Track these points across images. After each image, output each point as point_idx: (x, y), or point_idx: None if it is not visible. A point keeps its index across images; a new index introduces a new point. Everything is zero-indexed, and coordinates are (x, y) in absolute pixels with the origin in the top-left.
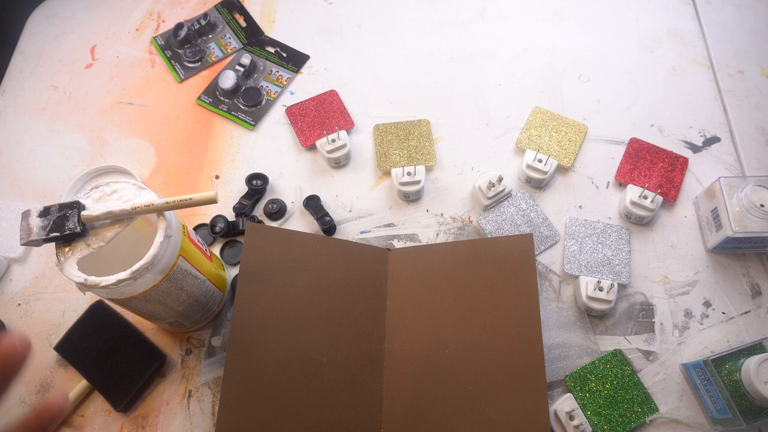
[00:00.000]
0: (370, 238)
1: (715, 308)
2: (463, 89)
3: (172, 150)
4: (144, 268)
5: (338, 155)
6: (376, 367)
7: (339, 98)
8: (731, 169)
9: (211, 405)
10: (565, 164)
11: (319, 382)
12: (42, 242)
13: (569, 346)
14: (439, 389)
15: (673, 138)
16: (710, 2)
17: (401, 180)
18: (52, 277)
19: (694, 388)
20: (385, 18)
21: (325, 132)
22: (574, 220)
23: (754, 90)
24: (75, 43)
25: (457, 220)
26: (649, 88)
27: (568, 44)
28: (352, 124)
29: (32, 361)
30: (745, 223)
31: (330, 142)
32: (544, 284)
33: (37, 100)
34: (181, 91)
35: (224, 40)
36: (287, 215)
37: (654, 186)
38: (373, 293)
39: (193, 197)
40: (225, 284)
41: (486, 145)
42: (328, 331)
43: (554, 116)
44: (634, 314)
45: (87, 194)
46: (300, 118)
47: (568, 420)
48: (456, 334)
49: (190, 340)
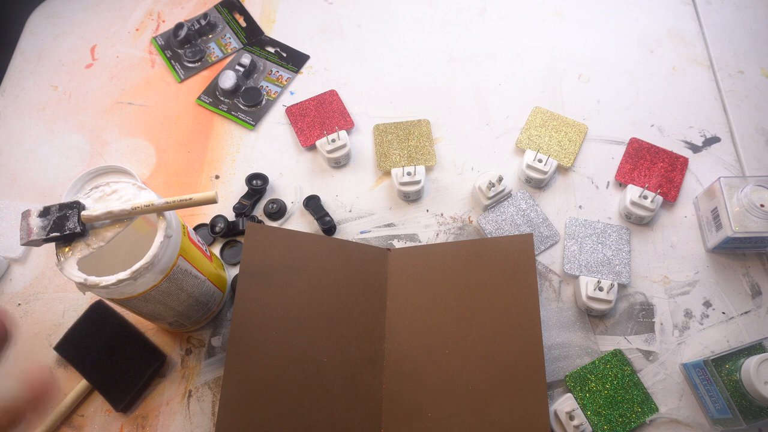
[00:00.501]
0: (370, 238)
1: (715, 308)
2: (463, 89)
3: (172, 150)
4: (144, 268)
5: (338, 155)
6: (376, 367)
7: (339, 98)
8: (731, 169)
9: (211, 405)
10: (565, 164)
11: (319, 382)
12: (42, 242)
13: (569, 346)
14: (439, 389)
15: (673, 138)
16: (710, 2)
17: (401, 180)
18: (52, 277)
19: (694, 388)
20: (385, 18)
21: (325, 132)
22: (574, 220)
23: (754, 90)
24: (75, 43)
25: (457, 220)
26: (649, 88)
27: (568, 44)
28: (352, 124)
29: (32, 361)
30: (745, 223)
31: (330, 142)
32: (544, 284)
33: (37, 100)
34: (181, 91)
35: (224, 40)
36: (287, 215)
37: (654, 186)
38: (373, 293)
39: (193, 197)
40: (225, 284)
41: (486, 145)
42: (328, 331)
43: (554, 116)
44: (634, 314)
45: (87, 194)
46: (300, 118)
47: (568, 420)
48: (456, 334)
49: (190, 340)
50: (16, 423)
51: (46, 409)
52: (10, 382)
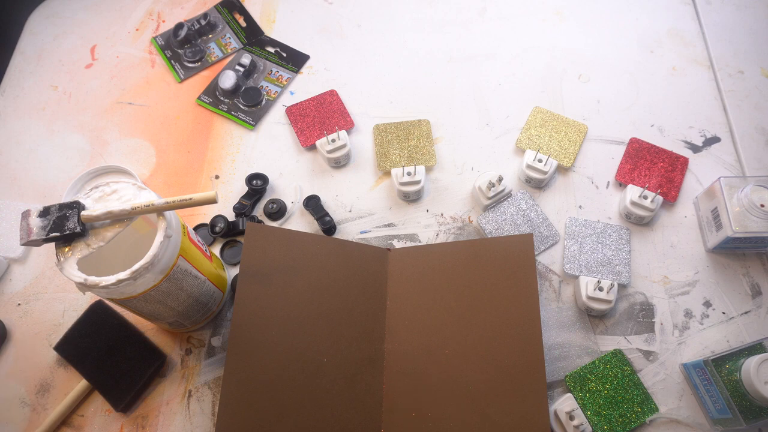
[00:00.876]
0: (370, 238)
1: (715, 308)
2: (463, 89)
3: (172, 150)
4: (144, 268)
5: (338, 155)
6: (376, 367)
7: (339, 98)
8: (731, 169)
9: (211, 405)
10: (565, 164)
11: (319, 382)
12: (42, 242)
13: (569, 346)
14: (439, 389)
15: (673, 138)
16: (710, 2)
17: (401, 180)
18: (52, 277)
19: (694, 388)
20: (385, 18)
21: (325, 132)
22: (574, 220)
23: (754, 90)
24: (75, 43)
25: (457, 220)
26: (649, 88)
27: (568, 44)
28: (352, 124)
29: (32, 361)
30: (745, 223)
31: (330, 142)
32: (544, 284)
33: (37, 100)
34: (181, 91)
35: (224, 40)
36: (287, 215)
37: (654, 186)
38: (373, 293)
39: (193, 197)
40: (225, 284)
41: (486, 145)
42: (328, 331)
43: (554, 116)
44: (634, 314)
45: (87, 194)
46: (300, 118)
47: (568, 420)
48: (456, 334)
49: (190, 340)
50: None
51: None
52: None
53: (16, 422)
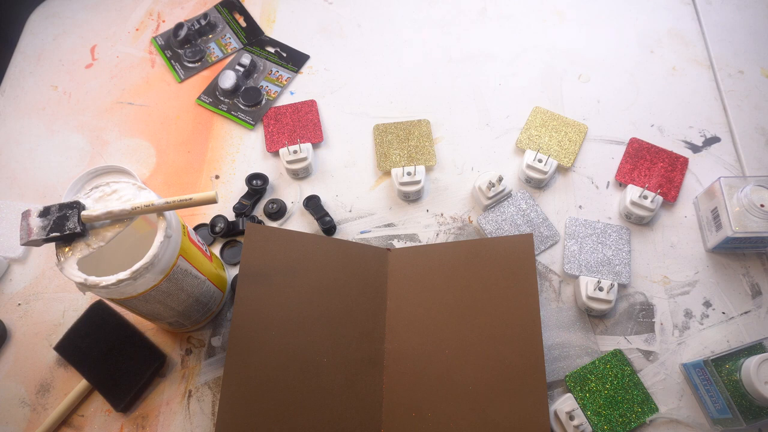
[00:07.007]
0: (370, 238)
1: (715, 308)
2: (463, 89)
3: (172, 150)
4: (144, 268)
5: (297, 167)
6: (376, 367)
7: (316, 109)
8: (731, 169)
9: (211, 405)
10: (565, 164)
11: (319, 382)
12: (42, 242)
13: (569, 346)
14: (439, 389)
15: (673, 138)
16: (710, 2)
17: (401, 180)
18: (52, 277)
19: (694, 388)
20: (385, 18)
21: (286, 142)
22: (574, 220)
23: (754, 90)
24: (75, 43)
25: (457, 220)
26: (649, 88)
27: (568, 44)
28: (321, 138)
29: (32, 361)
30: (745, 223)
31: (291, 152)
32: (544, 284)
33: (37, 100)
34: (181, 91)
35: (224, 40)
36: (287, 215)
37: (654, 186)
38: (373, 293)
39: (193, 197)
40: (225, 284)
41: (486, 145)
42: (328, 332)
43: (554, 116)
44: (634, 314)
45: (87, 194)
46: (273, 122)
47: (568, 420)
48: (456, 334)
49: (190, 340)
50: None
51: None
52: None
53: (16, 422)
